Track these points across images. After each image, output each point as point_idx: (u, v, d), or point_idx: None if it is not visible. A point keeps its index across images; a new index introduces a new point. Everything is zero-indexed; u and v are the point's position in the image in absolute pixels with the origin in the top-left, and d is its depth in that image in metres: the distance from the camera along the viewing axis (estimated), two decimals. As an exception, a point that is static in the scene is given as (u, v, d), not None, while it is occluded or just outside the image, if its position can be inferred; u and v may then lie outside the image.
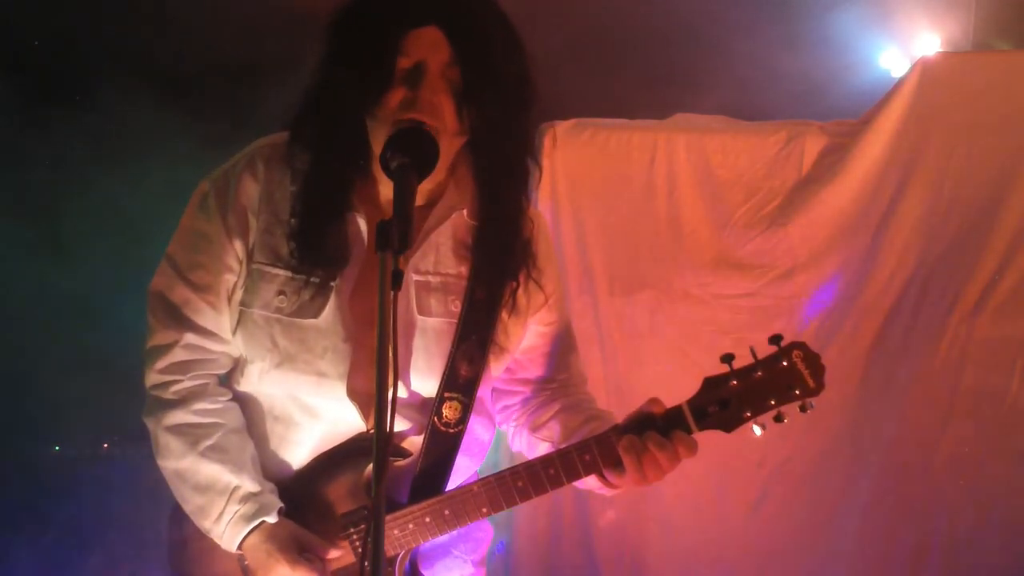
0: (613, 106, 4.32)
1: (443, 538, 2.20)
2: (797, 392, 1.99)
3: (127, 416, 2.35)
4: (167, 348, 2.14)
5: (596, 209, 4.00)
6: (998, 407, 3.59)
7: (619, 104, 4.38)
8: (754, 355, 2.00)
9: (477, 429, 2.27)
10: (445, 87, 1.96)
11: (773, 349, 2.00)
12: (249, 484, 2.10)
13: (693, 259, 3.94)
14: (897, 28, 4.67)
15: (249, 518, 2.07)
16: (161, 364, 2.14)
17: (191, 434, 2.12)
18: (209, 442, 2.11)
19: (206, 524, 2.11)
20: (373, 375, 2.08)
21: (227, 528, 2.09)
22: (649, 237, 3.98)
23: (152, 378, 2.16)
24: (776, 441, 3.75)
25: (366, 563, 1.49)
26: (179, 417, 2.12)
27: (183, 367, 2.14)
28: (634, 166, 3.99)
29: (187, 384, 2.14)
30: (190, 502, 2.13)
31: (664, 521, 3.91)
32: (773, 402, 2.00)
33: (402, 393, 2.12)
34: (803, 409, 2.01)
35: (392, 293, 1.58)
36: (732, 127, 4.06)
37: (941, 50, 4.34)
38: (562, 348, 2.35)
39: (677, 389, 2.05)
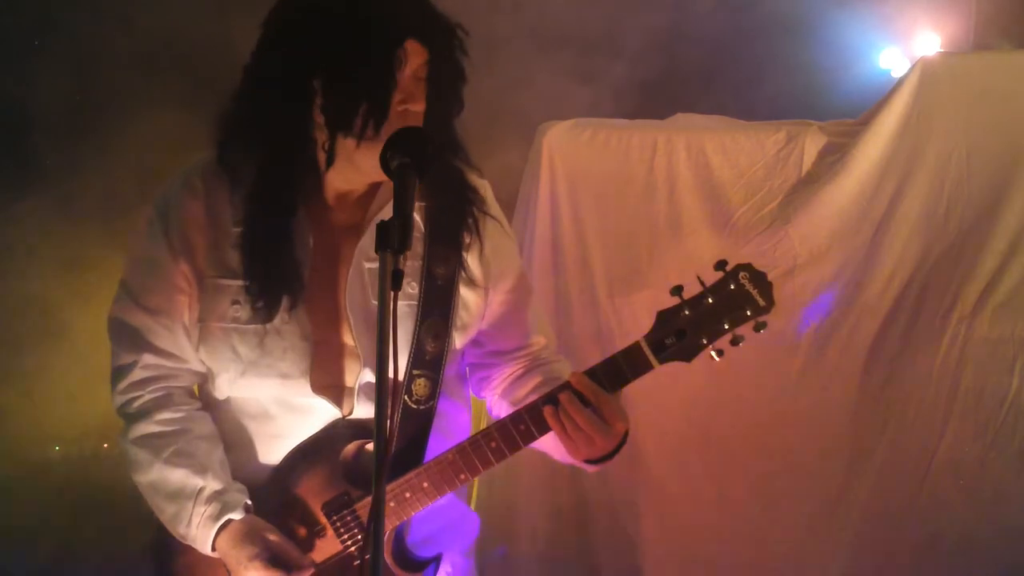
0: (614, 107, 4.33)
1: (430, 529, 2.23)
2: (748, 312, 2.03)
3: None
4: (127, 369, 2.21)
5: (596, 209, 3.99)
6: (998, 407, 3.59)
7: (619, 105, 4.39)
8: (702, 283, 2.04)
9: (453, 410, 2.30)
10: (418, 84, 2.06)
11: (720, 275, 2.03)
12: (213, 483, 2.13)
13: (693, 259, 3.93)
14: (897, 28, 4.68)
15: (215, 518, 2.11)
16: (122, 384, 2.22)
17: (155, 444, 2.17)
18: (174, 447, 2.15)
19: (180, 530, 2.15)
20: (335, 368, 2.17)
21: (198, 531, 2.12)
22: (649, 237, 3.97)
23: (116, 399, 2.24)
24: (776, 440, 3.75)
25: (367, 556, 1.50)
26: (143, 428, 2.19)
27: (143, 384, 2.21)
28: (634, 166, 3.98)
29: (148, 397, 2.21)
30: (165, 511, 2.17)
31: (664, 520, 3.90)
32: (727, 325, 2.04)
33: (370, 379, 2.14)
34: (757, 329, 2.04)
35: (392, 293, 1.59)
36: (732, 127, 4.05)
37: (941, 50, 4.34)
38: (528, 315, 2.38)
39: (677, 388, 2.06)
